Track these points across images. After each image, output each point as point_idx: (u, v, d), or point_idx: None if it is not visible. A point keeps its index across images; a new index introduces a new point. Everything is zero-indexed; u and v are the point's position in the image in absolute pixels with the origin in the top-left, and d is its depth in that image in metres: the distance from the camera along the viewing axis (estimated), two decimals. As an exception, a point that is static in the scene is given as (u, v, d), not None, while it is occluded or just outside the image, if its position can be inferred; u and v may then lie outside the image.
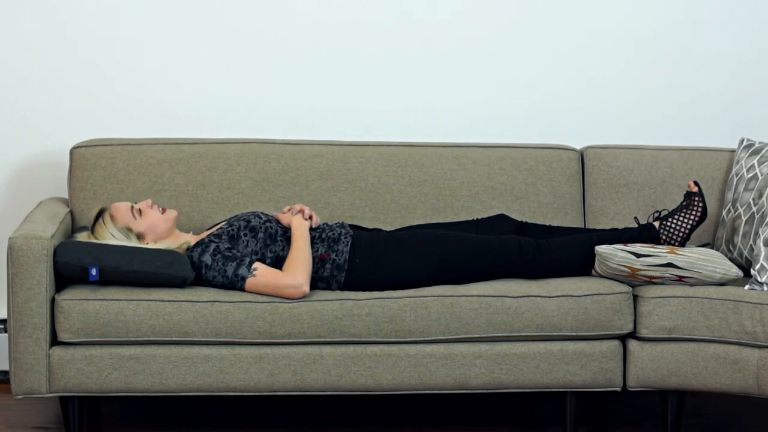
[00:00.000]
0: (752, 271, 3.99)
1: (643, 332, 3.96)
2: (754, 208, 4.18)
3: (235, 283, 3.90)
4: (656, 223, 4.18)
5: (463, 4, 4.71)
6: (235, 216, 4.13)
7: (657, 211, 4.24)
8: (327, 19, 4.68)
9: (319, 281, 4.00)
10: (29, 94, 4.60)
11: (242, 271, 3.89)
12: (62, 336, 3.84)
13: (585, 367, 3.97)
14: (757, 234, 4.11)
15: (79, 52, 4.60)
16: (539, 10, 4.74)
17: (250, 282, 3.89)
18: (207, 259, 3.93)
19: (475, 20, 4.72)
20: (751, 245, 4.15)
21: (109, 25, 4.61)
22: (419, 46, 4.72)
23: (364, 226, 4.39)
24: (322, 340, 3.90)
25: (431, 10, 4.71)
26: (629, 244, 4.01)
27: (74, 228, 4.30)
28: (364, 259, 4.01)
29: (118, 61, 4.62)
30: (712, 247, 4.41)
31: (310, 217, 4.12)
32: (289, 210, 4.16)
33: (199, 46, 4.65)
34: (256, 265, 3.91)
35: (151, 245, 3.99)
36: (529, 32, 4.74)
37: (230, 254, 3.93)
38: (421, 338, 3.93)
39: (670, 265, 3.96)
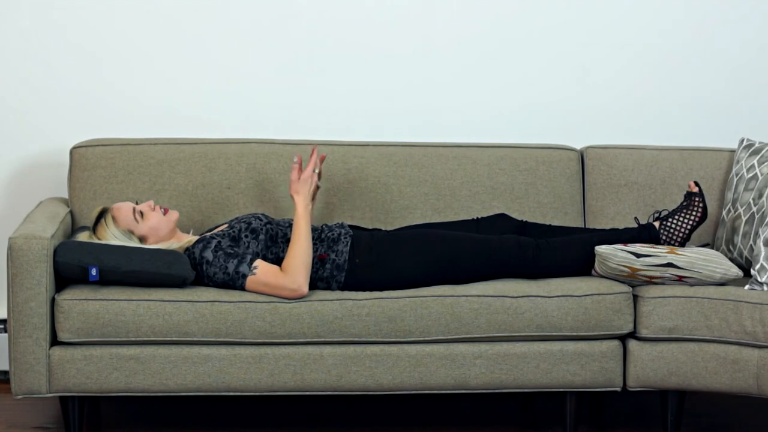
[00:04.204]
0: (752, 271, 3.99)
1: (643, 332, 3.96)
2: (754, 208, 4.19)
3: (236, 280, 3.90)
4: (656, 223, 4.18)
5: (463, 3, 4.71)
6: (236, 218, 4.13)
7: (657, 211, 4.24)
8: (327, 20, 4.68)
9: (318, 281, 4.00)
10: (29, 94, 4.60)
11: (243, 268, 3.89)
12: (62, 336, 3.84)
13: (585, 367, 3.97)
14: (757, 234, 4.11)
15: (79, 52, 4.60)
16: (539, 10, 4.74)
17: (250, 280, 3.89)
18: (209, 255, 3.93)
19: (475, 20, 4.72)
20: (751, 245, 4.15)
21: (109, 25, 4.61)
22: (419, 47, 4.71)
23: (364, 226, 4.39)
24: (322, 340, 3.90)
25: (431, 10, 4.71)
26: (629, 244, 4.01)
27: (74, 228, 4.30)
28: (363, 259, 4.01)
29: (118, 60, 4.62)
30: (712, 247, 4.41)
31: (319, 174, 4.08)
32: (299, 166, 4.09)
33: (200, 46, 4.65)
34: (257, 263, 3.91)
35: (152, 246, 3.99)
36: (530, 32, 4.74)
37: (232, 251, 3.93)
38: (421, 338, 3.93)
39: (670, 265, 3.96)
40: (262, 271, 3.89)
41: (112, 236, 3.98)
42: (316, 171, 4.06)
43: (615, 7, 4.76)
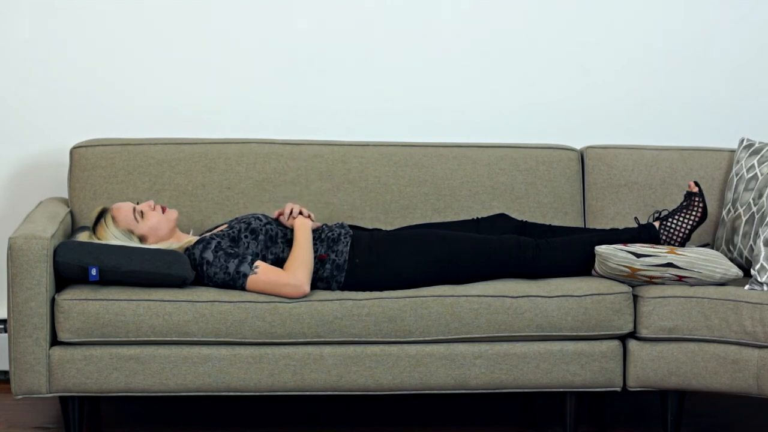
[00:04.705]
0: (752, 271, 3.99)
1: (643, 332, 3.96)
2: (754, 208, 4.19)
3: (237, 280, 3.90)
4: (656, 223, 4.18)
5: (464, 4, 4.71)
6: (236, 219, 4.13)
7: (657, 211, 4.24)
8: (327, 20, 4.68)
9: (319, 281, 4.00)
10: (29, 94, 4.60)
11: (244, 268, 3.90)
12: (62, 336, 3.84)
13: (585, 367, 3.97)
14: (757, 234, 4.11)
15: (79, 53, 4.60)
16: (540, 11, 4.73)
17: (251, 279, 3.89)
18: (209, 255, 3.93)
19: (476, 20, 4.72)
20: (751, 245, 4.15)
21: (109, 26, 4.61)
22: (419, 47, 4.71)
23: (364, 226, 4.39)
24: (322, 340, 3.90)
25: (432, 12, 4.70)
26: (629, 244, 4.01)
27: (74, 228, 4.30)
28: (363, 259, 4.01)
29: (118, 61, 4.62)
30: (712, 247, 4.41)
31: (309, 216, 4.12)
32: (279, 215, 4.13)
33: (200, 47, 4.65)
34: (258, 263, 3.91)
35: (152, 246, 3.99)
36: (530, 33, 4.74)
37: (232, 252, 3.94)
38: (421, 338, 3.93)
39: (670, 265, 3.96)
40: (264, 270, 3.90)
41: (112, 236, 3.98)
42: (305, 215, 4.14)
43: (615, 8, 4.76)
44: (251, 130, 4.66)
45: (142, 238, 4.00)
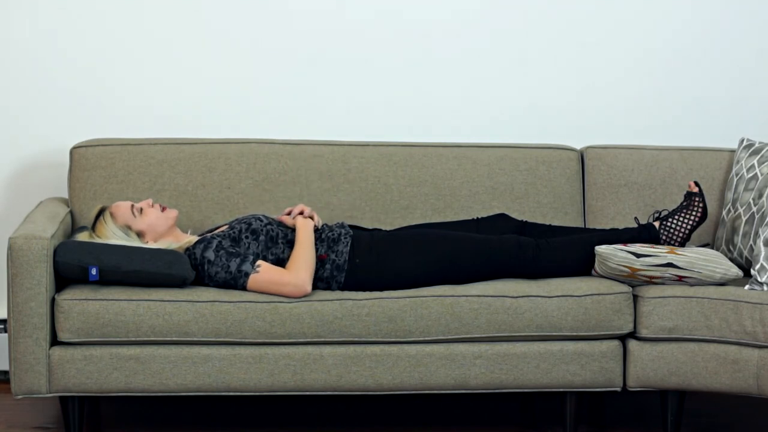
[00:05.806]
0: (752, 271, 3.99)
1: (643, 332, 3.96)
2: (754, 208, 4.19)
3: (238, 279, 3.90)
4: (656, 223, 4.18)
5: (464, 5, 4.71)
6: (236, 219, 4.13)
7: (657, 211, 4.24)
8: (327, 22, 4.68)
9: (319, 281, 4.00)
10: (29, 95, 4.60)
11: (246, 267, 3.90)
12: (62, 336, 3.84)
13: (585, 367, 3.97)
14: (757, 234, 4.11)
15: (78, 53, 4.60)
16: (540, 11, 4.73)
17: (252, 278, 3.89)
18: (210, 254, 3.93)
19: (476, 21, 4.72)
20: (751, 245, 4.15)
21: (109, 26, 4.61)
22: (420, 47, 4.71)
23: (364, 226, 4.39)
24: (322, 340, 3.90)
25: (432, 12, 4.70)
26: (629, 244, 4.01)
27: (74, 228, 4.30)
28: (364, 259, 4.01)
29: (117, 60, 4.62)
30: (712, 247, 4.41)
31: (312, 217, 4.12)
32: (289, 213, 4.15)
33: (199, 47, 4.65)
34: (260, 262, 3.91)
35: (152, 245, 3.99)
36: (530, 33, 4.74)
37: (234, 251, 3.94)
38: (421, 338, 3.93)
39: (670, 265, 3.96)
40: (266, 269, 3.90)
41: (111, 233, 3.98)
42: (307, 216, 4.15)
43: (615, 9, 4.76)
44: (251, 130, 4.66)
45: (140, 234, 4.00)
